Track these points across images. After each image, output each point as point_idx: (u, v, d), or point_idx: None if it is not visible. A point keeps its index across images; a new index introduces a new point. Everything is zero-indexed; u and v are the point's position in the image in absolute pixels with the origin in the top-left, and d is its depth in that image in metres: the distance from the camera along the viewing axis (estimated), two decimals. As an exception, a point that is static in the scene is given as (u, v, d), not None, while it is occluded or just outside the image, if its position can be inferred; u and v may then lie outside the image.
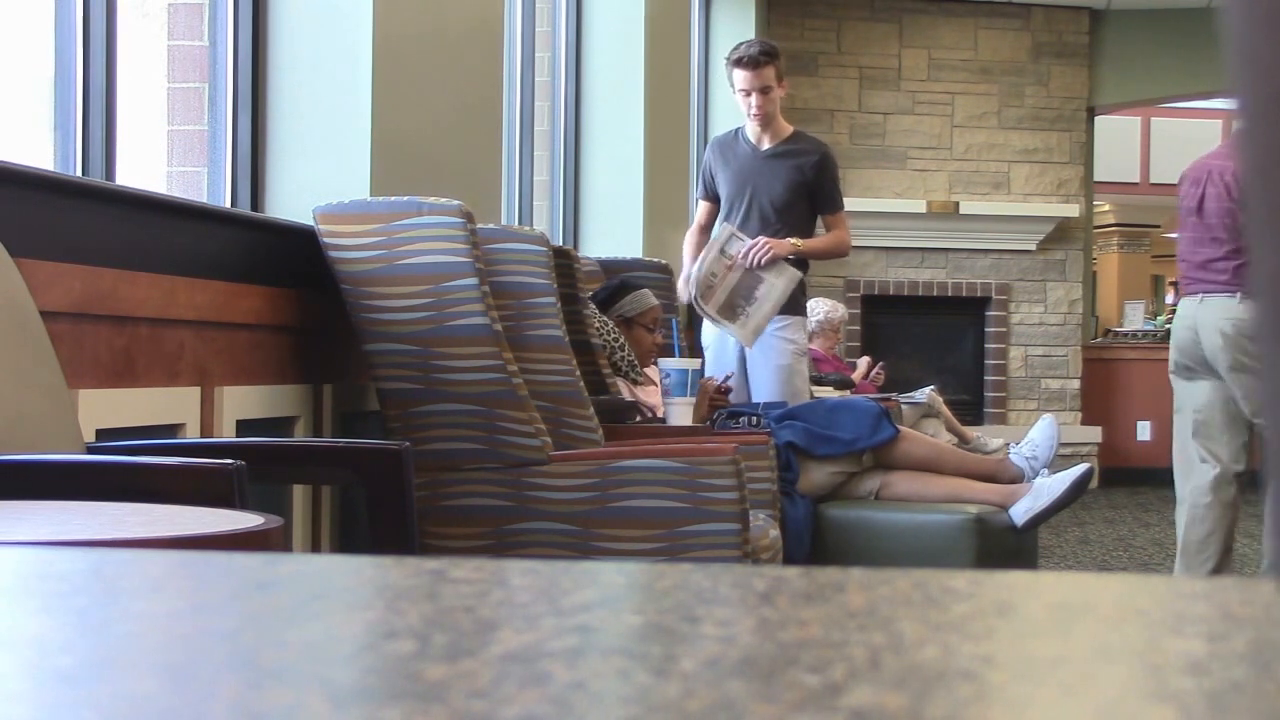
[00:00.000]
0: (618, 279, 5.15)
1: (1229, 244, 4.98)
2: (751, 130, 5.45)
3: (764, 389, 5.32)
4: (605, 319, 4.74)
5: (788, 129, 5.49)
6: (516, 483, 3.25)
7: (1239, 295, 4.96)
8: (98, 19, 2.99)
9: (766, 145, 5.43)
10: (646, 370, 4.94)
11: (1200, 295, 5.07)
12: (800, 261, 5.37)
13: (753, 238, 5.25)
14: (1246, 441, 5.17)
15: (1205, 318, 5.02)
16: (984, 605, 0.64)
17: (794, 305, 5.39)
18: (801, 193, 5.38)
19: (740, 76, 5.36)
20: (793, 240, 5.29)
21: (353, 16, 3.65)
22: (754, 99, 5.33)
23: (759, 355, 5.36)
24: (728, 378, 5.09)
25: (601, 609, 0.63)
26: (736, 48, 5.48)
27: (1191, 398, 5.17)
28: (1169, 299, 13.21)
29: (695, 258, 5.38)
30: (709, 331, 5.54)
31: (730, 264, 5.23)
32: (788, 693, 0.46)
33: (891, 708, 0.45)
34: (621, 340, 4.78)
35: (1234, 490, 5.15)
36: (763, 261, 5.18)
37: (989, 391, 10.42)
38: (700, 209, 5.67)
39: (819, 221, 5.53)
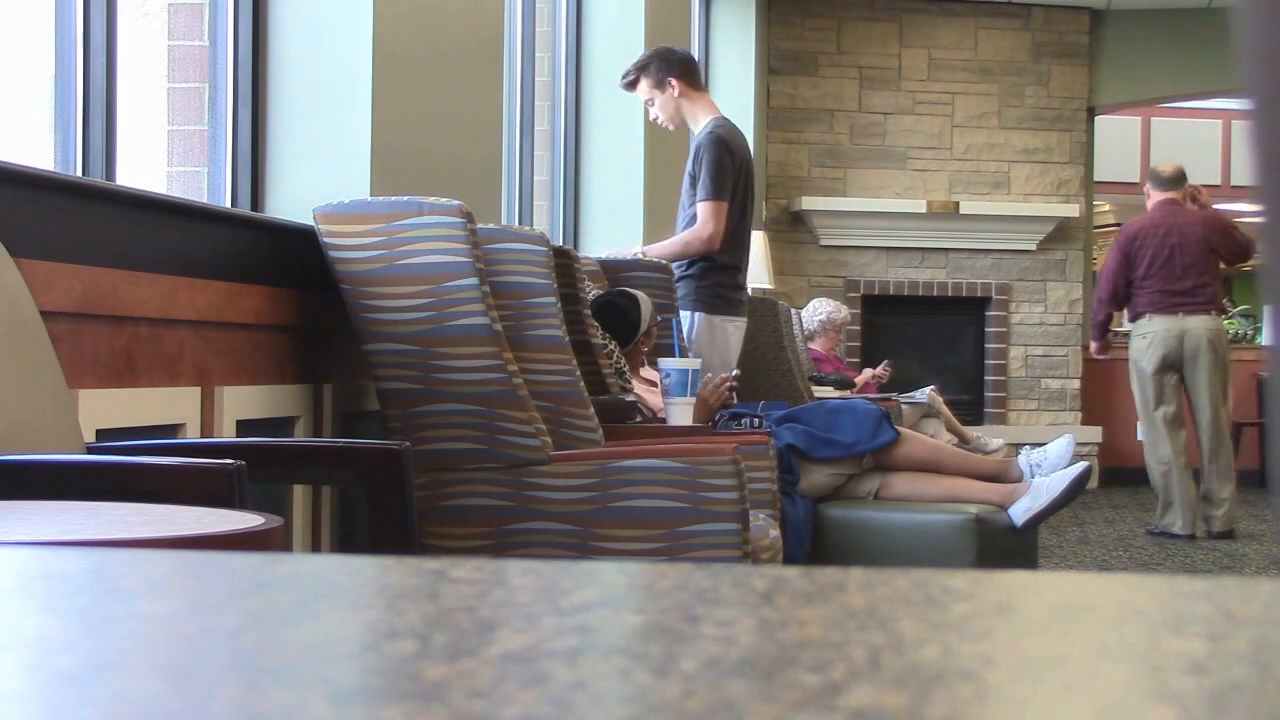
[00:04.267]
0: (606, 298, 4.96)
1: (1206, 276, 7.36)
2: None
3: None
4: (605, 334, 4.67)
5: (705, 118, 5.47)
6: (516, 483, 3.25)
7: (1213, 313, 7.40)
8: (98, 19, 2.99)
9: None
10: (642, 372, 4.93)
11: (1181, 314, 7.31)
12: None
13: (679, 227, 5.50)
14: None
15: (1191, 327, 7.30)
16: (984, 605, 0.64)
17: (704, 302, 5.45)
18: (691, 180, 5.42)
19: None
20: (634, 249, 5.55)
21: (353, 17, 3.65)
22: (649, 112, 5.58)
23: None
24: (735, 375, 5.06)
25: (601, 609, 0.63)
26: None
27: (1173, 391, 7.42)
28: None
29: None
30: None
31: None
32: (788, 693, 0.46)
33: (891, 708, 0.45)
34: (615, 355, 4.72)
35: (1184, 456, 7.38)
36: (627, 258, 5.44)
37: (989, 391, 10.43)
38: None
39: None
